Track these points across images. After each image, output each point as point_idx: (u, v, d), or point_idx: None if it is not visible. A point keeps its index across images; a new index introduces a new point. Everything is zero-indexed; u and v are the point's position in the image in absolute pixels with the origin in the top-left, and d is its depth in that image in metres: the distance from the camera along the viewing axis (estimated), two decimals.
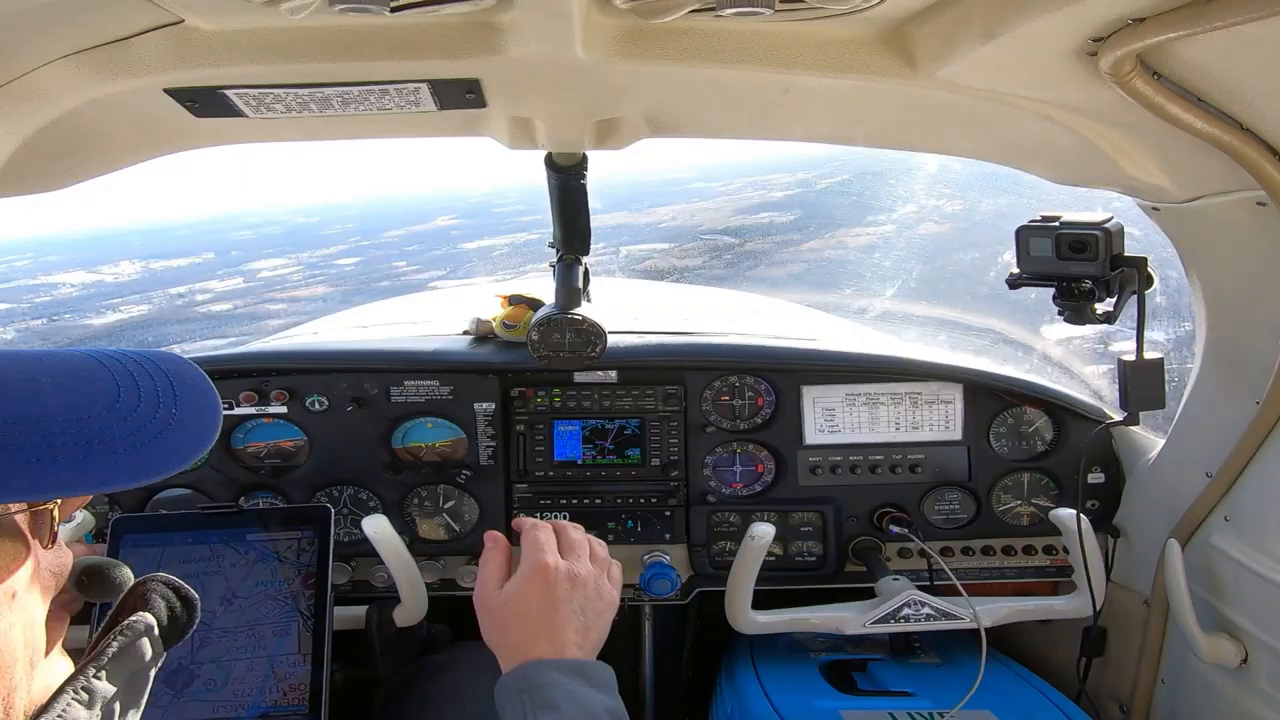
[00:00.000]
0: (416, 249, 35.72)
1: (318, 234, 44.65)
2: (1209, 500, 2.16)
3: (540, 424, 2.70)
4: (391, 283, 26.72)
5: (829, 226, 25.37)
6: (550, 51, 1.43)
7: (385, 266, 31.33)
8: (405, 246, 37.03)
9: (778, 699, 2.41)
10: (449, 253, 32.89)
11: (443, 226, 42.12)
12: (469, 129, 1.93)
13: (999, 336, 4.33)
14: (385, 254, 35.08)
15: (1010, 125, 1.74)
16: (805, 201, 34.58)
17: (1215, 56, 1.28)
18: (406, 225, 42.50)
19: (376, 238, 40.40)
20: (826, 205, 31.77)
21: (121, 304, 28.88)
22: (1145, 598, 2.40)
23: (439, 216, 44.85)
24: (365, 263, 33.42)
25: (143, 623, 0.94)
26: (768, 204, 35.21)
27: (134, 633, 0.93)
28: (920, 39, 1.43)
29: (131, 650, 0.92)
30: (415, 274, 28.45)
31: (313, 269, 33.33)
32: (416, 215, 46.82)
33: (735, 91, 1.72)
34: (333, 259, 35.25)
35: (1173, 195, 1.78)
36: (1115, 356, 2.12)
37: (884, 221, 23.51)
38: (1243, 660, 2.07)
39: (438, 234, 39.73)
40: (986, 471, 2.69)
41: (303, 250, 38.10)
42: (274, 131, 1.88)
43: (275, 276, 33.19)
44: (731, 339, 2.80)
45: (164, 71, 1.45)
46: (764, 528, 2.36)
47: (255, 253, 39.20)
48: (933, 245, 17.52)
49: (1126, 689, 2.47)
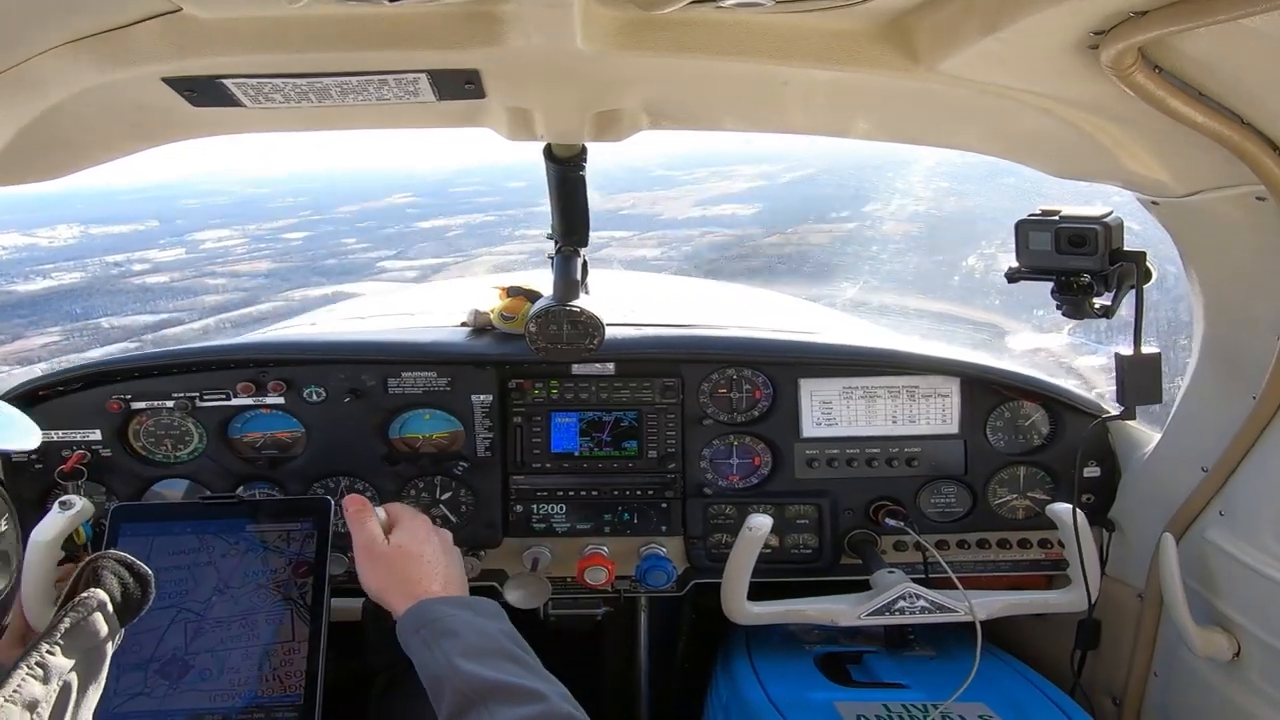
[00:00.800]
0: (368, 226, 34.92)
1: (267, 206, 42.81)
2: (1204, 495, 2.17)
3: (538, 416, 2.70)
4: (338, 260, 25.98)
5: (791, 221, 25.08)
6: (550, 42, 1.43)
7: (334, 243, 30.53)
8: (357, 223, 36.14)
9: (773, 690, 2.42)
10: (401, 231, 32.12)
11: (398, 204, 40.85)
12: (468, 120, 1.93)
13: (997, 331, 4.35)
14: (335, 230, 34.20)
15: (1010, 119, 1.74)
16: (768, 195, 34.21)
17: (1216, 50, 1.28)
18: (360, 201, 41.48)
19: (328, 213, 39.25)
20: (790, 200, 31.45)
21: (54, 270, 27.53)
22: (1139, 591, 2.41)
23: (395, 194, 43.57)
24: (313, 238, 32.56)
25: (95, 599, 0.96)
26: (730, 195, 34.75)
27: (86, 609, 0.94)
28: (921, 32, 1.42)
29: (85, 626, 0.93)
30: (364, 253, 27.78)
31: (259, 242, 32.40)
32: (371, 191, 45.29)
33: (735, 84, 1.72)
34: (280, 233, 34.26)
35: (1172, 190, 1.78)
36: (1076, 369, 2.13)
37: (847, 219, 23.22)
38: (1235, 654, 2.08)
39: (392, 211, 38.74)
40: (983, 465, 2.70)
41: (250, 222, 36.84)
42: (272, 121, 1.87)
43: (219, 248, 32.25)
44: (729, 332, 2.80)
45: (162, 60, 1.45)
46: (761, 519, 2.36)
47: (201, 222, 37.82)
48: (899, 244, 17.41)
49: (1119, 682, 2.49)
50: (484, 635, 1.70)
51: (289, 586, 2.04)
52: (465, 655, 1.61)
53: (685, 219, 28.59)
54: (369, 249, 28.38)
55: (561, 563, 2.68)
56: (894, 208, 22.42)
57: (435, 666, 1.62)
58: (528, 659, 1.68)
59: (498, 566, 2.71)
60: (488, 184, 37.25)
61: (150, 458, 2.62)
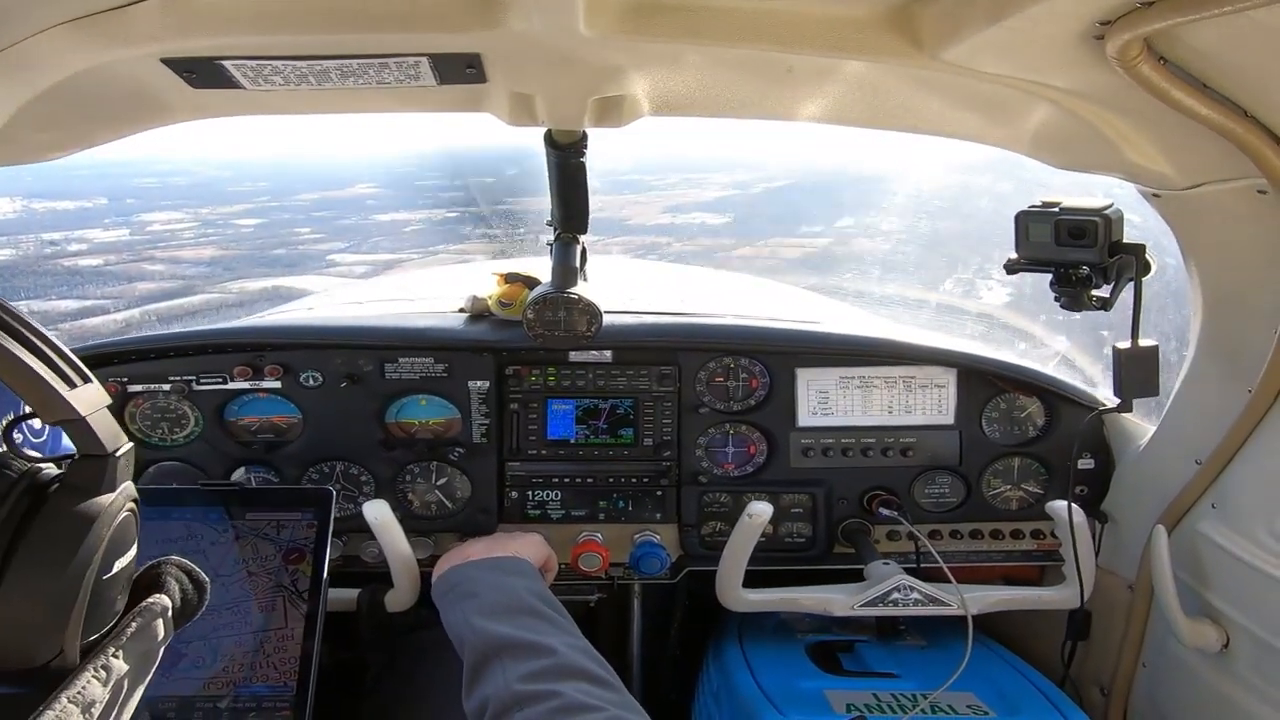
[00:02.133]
0: (326, 215, 33.71)
1: (226, 189, 41.32)
2: (1197, 487, 2.18)
3: (534, 402, 2.70)
4: (286, 251, 24.88)
5: (763, 233, 24.60)
6: (553, 27, 1.42)
7: (286, 232, 29.47)
8: (314, 212, 34.87)
9: (763, 678, 2.42)
10: (358, 223, 31.14)
11: (360, 194, 39.59)
12: (469, 104, 1.91)
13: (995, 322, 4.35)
14: (291, 218, 33.08)
15: (1013, 109, 1.74)
16: (739, 204, 33.68)
17: (1221, 42, 1.28)
18: (322, 189, 40.26)
19: (287, 199, 37.97)
20: (762, 211, 30.85)
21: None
22: (1130, 583, 2.43)
23: (358, 183, 41.96)
24: (266, 225, 31.46)
25: (159, 604, 0.96)
26: (701, 204, 34.16)
27: (151, 614, 0.94)
28: (926, 20, 1.42)
29: (147, 630, 0.94)
30: (315, 244, 26.75)
31: (209, 227, 31.25)
32: (336, 179, 43.65)
33: (738, 70, 1.71)
34: (233, 218, 33.12)
35: (1174, 182, 1.78)
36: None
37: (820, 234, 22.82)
38: (1224, 645, 2.09)
39: (352, 202, 37.49)
40: (977, 456, 2.71)
41: (204, 205, 35.53)
42: (271, 104, 1.85)
43: (166, 231, 30.81)
44: (727, 320, 2.80)
45: (161, 41, 1.43)
46: (762, 506, 2.36)
47: (153, 203, 36.38)
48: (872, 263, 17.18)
49: (1108, 672, 2.50)
50: (506, 592, 1.81)
51: (280, 574, 2.03)
52: (483, 614, 1.73)
53: (654, 225, 28.01)
54: (322, 239, 27.46)
55: (556, 549, 2.66)
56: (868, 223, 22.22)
57: (458, 627, 1.74)
58: (552, 613, 1.80)
59: None
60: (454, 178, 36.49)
61: (146, 440, 2.61)
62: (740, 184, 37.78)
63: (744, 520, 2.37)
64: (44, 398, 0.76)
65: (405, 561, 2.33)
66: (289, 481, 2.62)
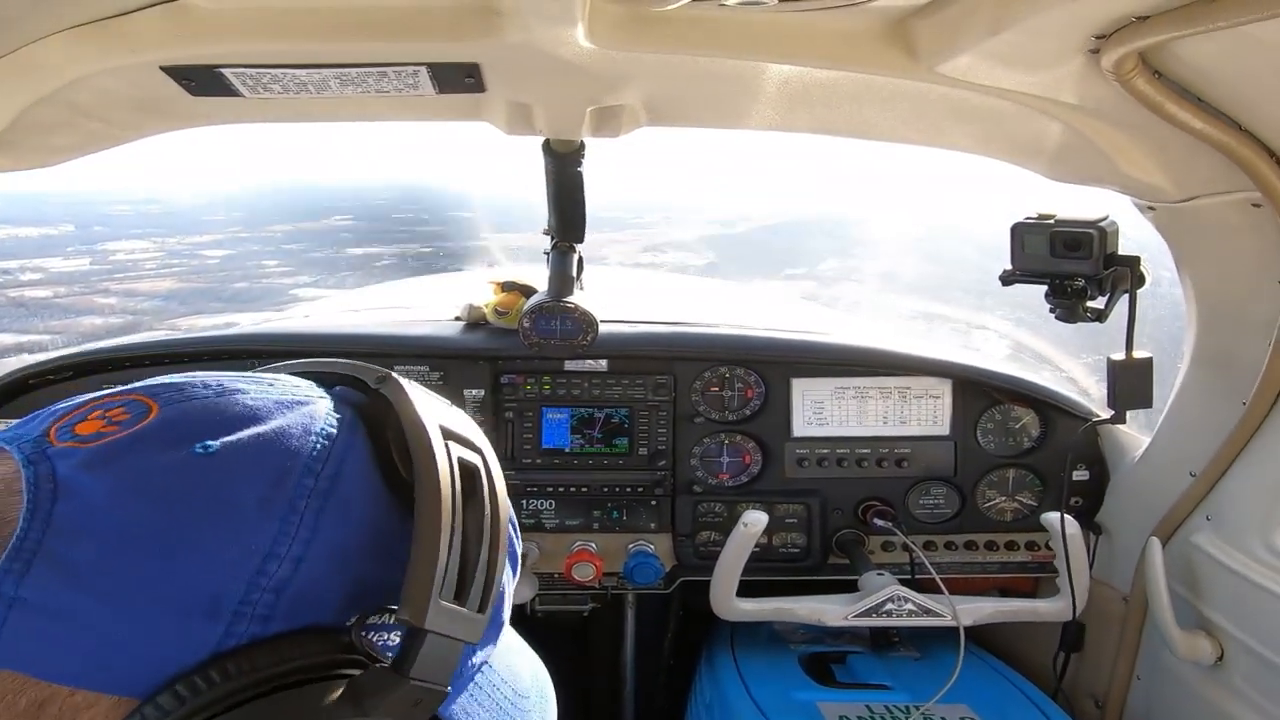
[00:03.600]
0: (295, 248, 32.74)
1: (199, 218, 40.57)
2: (1191, 499, 2.18)
3: (529, 411, 2.70)
4: (249, 285, 24.01)
5: (744, 275, 23.96)
6: (552, 37, 1.42)
7: (252, 264, 28.67)
8: (285, 244, 33.94)
9: (756, 690, 2.42)
10: (329, 256, 30.25)
11: (335, 226, 38.88)
12: (467, 113, 1.92)
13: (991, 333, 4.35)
14: (260, 250, 32.17)
15: (1009, 121, 1.75)
16: (720, 244, 33.13)
17: (1216, 57, 1.29)
18: (296, 220, 39.36)
19: (259, 229, 36.97)
20: (743, 252, 30.36)
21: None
22: (1124, 595, 2.43)
23: (334, 215, 41.19)
24: (232, 257, 30.55)
25: None
26: (680, 243, 33.52)
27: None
28: (923, 33, 1.43)
29: None
30: (280, 277, 25.86)
31: (174, 257, 30.43)
32: (311, 210, 42.81)
33: (735, 82, 1.72)
34: (200, 248, 32.27)
35: (1169, 195, 1.79)
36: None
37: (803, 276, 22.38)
38: (1218, 658, 2.09)
39: (325, 234, 36.63)
40: (972, 467, 2.71)
41: (174, 234, 34.57)
42: (270, 112, 1.86)
43: (128, 261, 29.90)
44: (722, 330, 2.80)
45: (161, 48, 1.44)
46: (757, 515, 2.36)
47: (122, 231, 35.17)
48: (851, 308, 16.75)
49: (1102, 685, 2.50)
50: None
51: None
52: None
53: (632, 264, 26.89)
54: (288, 273, 26.63)
55: (549, 558, 2.68)
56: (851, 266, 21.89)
57: None
58: None
59: None
60: (430, 212, 35.65)
61: None
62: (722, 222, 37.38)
63: (739, 529, 2.37)
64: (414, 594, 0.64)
65: None
66: None
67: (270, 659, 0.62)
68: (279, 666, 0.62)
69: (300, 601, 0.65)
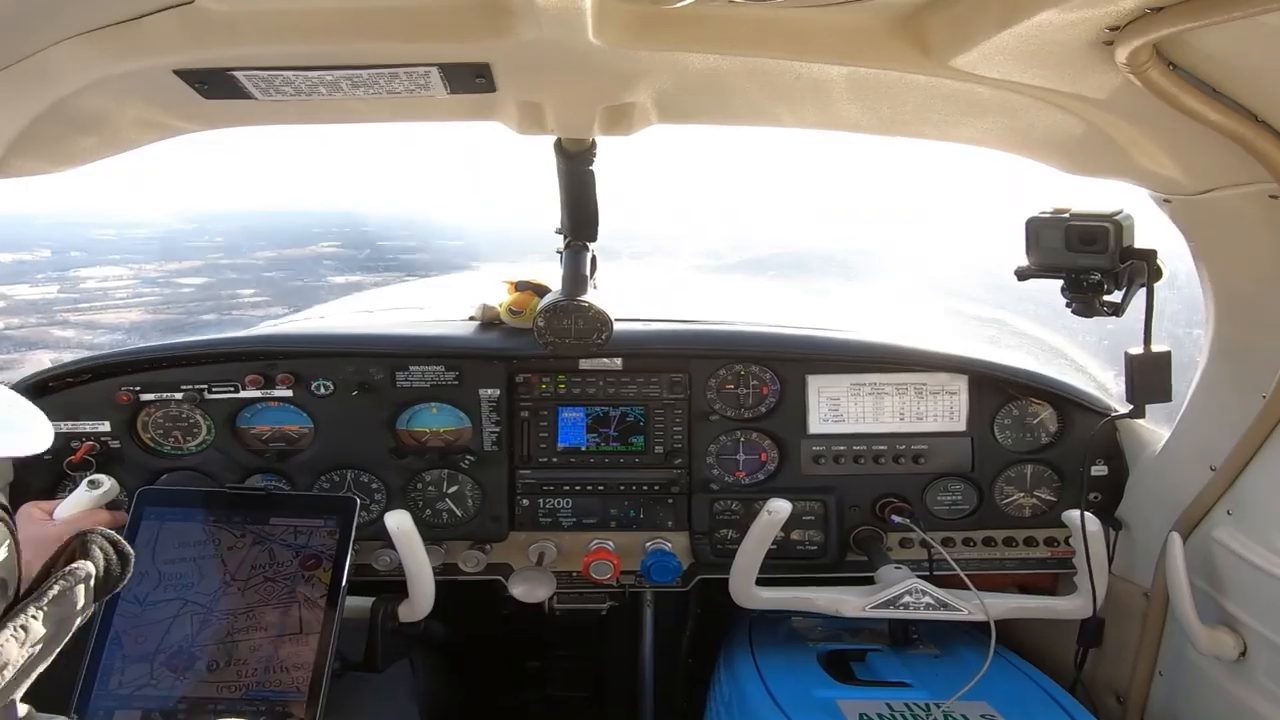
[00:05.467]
0: (276, 276, 31.44)
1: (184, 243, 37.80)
2: (1212, 494, 2.16)
3: (544, 410, 2.70)
4: (217, 317, 23.07)
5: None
6: (562, 36, 1.43)
7: (227, 294, 27.54)
8: (265, 272, 32.62)
9: (775, 687, 2.41)
10: (308, 285, 28.81)
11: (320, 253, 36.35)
12: (478, 113, 1.93)
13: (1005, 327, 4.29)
14: (239, 278, 30.93)
15: (1023, 115, 1.74)
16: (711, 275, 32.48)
17: (1232, 48, 1.28)
18: (281, 247, 37.88)
19: (240, 256, 35.78)
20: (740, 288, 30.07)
21: None
22: (1145, 590, 2.41)
23: (319, 242, 40.34)
24: (208, 286, 29.31)
25: (83, 570, 0.97)
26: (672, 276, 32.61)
27: (74, 578, 0.96)
28: (935, 27, 1.42)
29: (69, 596, 0.95)
30: (252, 309, 24.51)
31: (148, 285, 29.33)
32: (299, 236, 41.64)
33: (746, 78, 1.71)
34: (177, 275, 31.00)
35: (1185, 187, 1.78)
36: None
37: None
38: (1241, 653, 2.08)
39: (309, 261, 35.08)
40: (990, 463, 2.69)
41: (153, 261, 33.21)
42: (282, 114, 1.87)
43: (99, 290, 28.52)
44: (737, 327, 2.79)
45: (174, 52, 1.45)
46: (781, 503, 2.34)
47: (99, 257, 33.78)
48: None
49: (1124, 680, 2.48)
50: None
51: (296, 580, 2.05)
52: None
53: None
54: (263, 304, 25.28)
55: (567, 557, 2.69)
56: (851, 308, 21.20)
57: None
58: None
59: (503, 560, 2.71)
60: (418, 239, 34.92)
61: (159, 449, 2.62)
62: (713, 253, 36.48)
63: (762, 517, 2.35)
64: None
65: (423, 573, 2.33)
66: (300, 490, 2.62)
67: None
68: None
69: None
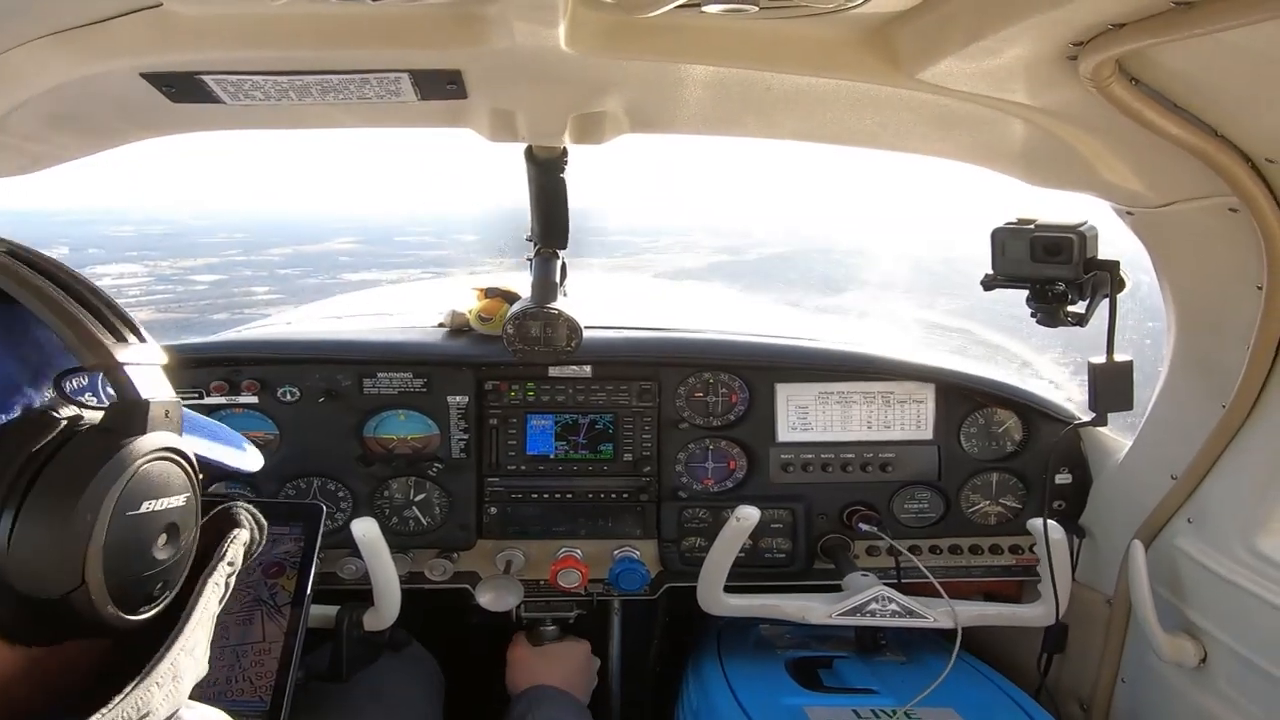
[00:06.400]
0: (291, 273, 31.45)
1: (200, 241, 38.81)
2: (1173, 502, 2.19)
3: (513, 417, 2.69)
4: (230, 315, 22.73)
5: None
6: (534, 44, 1.42)
7: (240, 291, 27.47)
8: (280, 269, 32.53)
9: (743, 695, 2.41)
10: (323, 283, 28.89)
11: (336, 249, 37.21)
12: (449, 120, 1.92)
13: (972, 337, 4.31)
14: (253, 275, 30.89)
15: (988, 128, 1.76)
16: (733, 273, 31.76)
17: (1193, 63, 1.30)
18: (298, 243, 37.80)
19: (256, 253, 35.51)
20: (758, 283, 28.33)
21: None
22: (1108, 597, 2.44)
23: (336, 238, 39.42)
24: (222, 283, 29.34)
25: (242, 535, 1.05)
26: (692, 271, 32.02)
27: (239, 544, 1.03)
28: (903, 40, 1.44)
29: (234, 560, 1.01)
30: (265, 307, 24.27)
31: (162, 282, 29.18)
32: (315, 233, 40.76)
33: (718, 89, 1.72)
34: (190, 273, 30.92)
35: (1147, 200, 1.81)
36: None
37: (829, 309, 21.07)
38: (1201, 660, 2.10)
39: (324, 258, 34.95)
40: (956, 471, 2.72)
41: (168, 258, 33.21)
42: (252, 119, 1.85)
43: (112, 288, 27.64)
44: (707, 335, 2.80)
45: (140, 55, 1.43)
46: (750, 510, 2.35)
47: (117, 253, 33.91)
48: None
49: (1087, 687, 2.51)
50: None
51: (259, 587, 2.01)
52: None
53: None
54: (276, 302, 25.37)
55: (535, 565, 2.67)
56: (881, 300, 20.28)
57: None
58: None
59: (471, 569, 2.69)
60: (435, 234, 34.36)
61: None
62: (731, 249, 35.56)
63: (730, 523, 2.36)
64: (84, 342, 0.80)
65: (390, 581, 2.31)
66: (264, 498, 2.59)
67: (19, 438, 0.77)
68: (36, 440, 0.77)
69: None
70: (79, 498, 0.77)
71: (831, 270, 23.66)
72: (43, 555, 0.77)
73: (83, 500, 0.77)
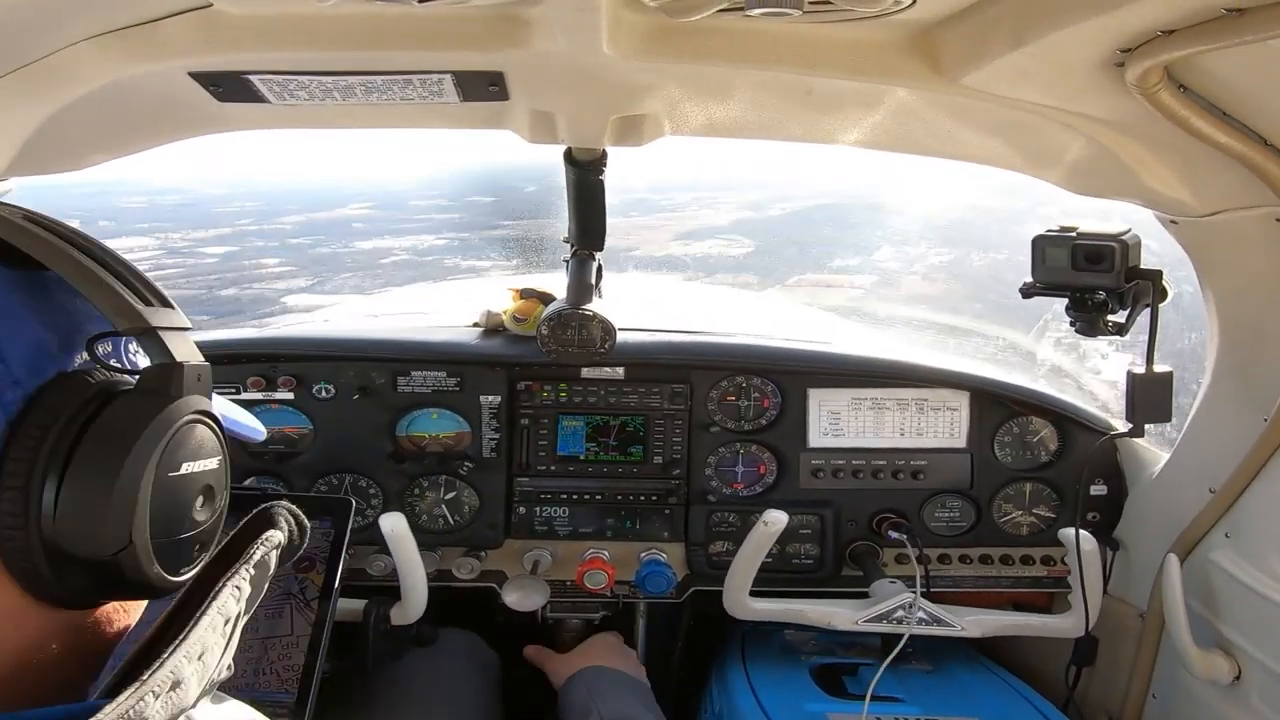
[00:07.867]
0: (302, 243, 30.45)
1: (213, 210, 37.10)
2: (1210, 516, 2.16)
3: (545, 418, 2.70)
4: (237, 290, 21.73)
5: (791, 269, 20.97)
6: (576, 46, 1.43)
7: (251, 263, 26.49)
8: (291, 239, 31.31)
9: (766, 700, 2.41)
10: (335, 252, 28.19)
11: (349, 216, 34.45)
12: (490, 122, 1.93)
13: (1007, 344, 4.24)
14: (264, 245, 29.65)
15: (1032, 134, 1.75)
16: (757, 230, 30.13)
17: (1242, 71, 1.29)
18: (311, 210, 36.57)
19: (269, 222, 34.42)
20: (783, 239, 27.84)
21: None
22: (1141, 611, 2.41)
23: (350, 203, 38.85)
24: (232, 255, 28.37)
25: (275, 538, 1.02)
26: (714, 229, 30.63)
27: (270, 545, 1.01)
28: (947, 44, 1.43)
29: (266, 561, 0.99)
30: (275, 280, 23.62)
31: (172, 255, 27.95)
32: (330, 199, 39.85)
33: (758, 92, 1.72)
34: (200, 245, 29.77)
35: (1192, 209, 1.78)
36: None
37: (858, 268, 19.71)
38: (1235, 677, 2.07)
39: (338, 225, 33.91)
40: (989, 480, 2.69)
41: (180, 229, 31.98)
42: (296, 118, 1.88)
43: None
44: (740, 339, 2.80)
45: (189, 55, 1.46)
46: (778, 514, 2.34)
47: (128, 225, 32.09)
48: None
49: (1116, 701, 2.48)
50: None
51: (288, 581, 2.03)
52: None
53: (663, 257, 24.29)
54: (287, 274, 24.57)
55: (562, 566, 2.68)
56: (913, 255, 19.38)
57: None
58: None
59: (498, 568, 2.70)
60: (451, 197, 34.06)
61: None
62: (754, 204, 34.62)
63: (758, 527, 2.35)
64: (117, 307, 0.82)
65: (417, 576, 2.33)
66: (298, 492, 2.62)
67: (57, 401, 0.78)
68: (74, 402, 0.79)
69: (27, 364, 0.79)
70: (125, 457, 0.78)
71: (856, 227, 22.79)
72: (91, 515, 0.77)
73: (129, 460, 0.78)
